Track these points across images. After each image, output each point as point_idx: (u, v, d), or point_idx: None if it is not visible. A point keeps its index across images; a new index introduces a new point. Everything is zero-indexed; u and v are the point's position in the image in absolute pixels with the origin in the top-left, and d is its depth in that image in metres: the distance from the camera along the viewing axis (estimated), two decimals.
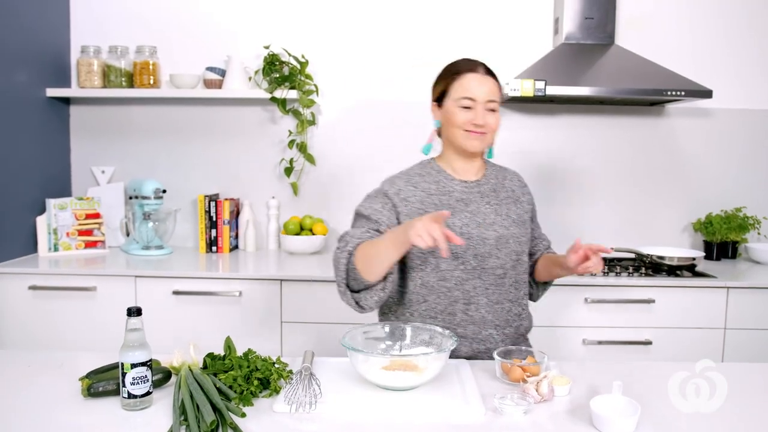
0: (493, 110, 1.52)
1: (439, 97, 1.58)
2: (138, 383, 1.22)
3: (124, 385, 1.22)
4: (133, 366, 1.21)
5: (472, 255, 1.51)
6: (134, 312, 1.24)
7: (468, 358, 1.53)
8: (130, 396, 1.22)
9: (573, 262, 1.47)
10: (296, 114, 2.94)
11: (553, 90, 2.51)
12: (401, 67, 2.98)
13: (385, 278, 1.45)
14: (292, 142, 2.96)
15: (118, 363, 1.25)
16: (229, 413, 1.17)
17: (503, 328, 1.57)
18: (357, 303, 1.48)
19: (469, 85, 1.51)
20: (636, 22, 2.95)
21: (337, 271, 1.46)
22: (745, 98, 2.99)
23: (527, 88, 2.48)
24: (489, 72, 1.56)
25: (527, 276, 1.68)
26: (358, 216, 1.57)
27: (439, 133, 1.64)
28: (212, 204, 2.90)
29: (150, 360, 1.24)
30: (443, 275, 1.52)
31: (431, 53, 2.92)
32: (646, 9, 2.95)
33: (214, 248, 2.92)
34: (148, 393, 1.24)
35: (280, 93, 2.83)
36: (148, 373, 1.23)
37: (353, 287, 1.47)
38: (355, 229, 1.53)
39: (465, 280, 1.52)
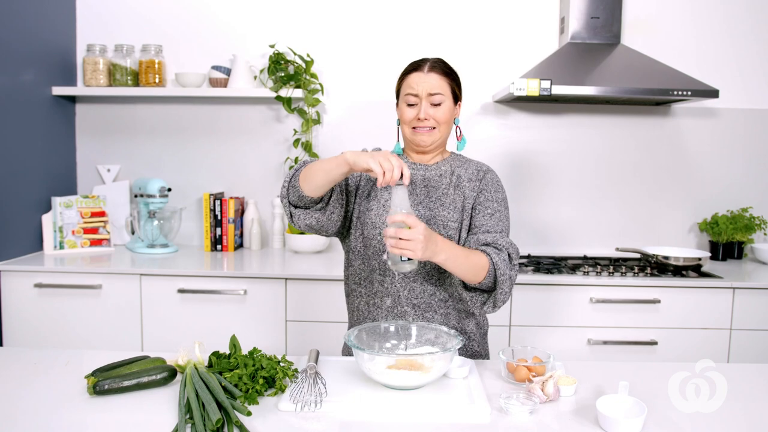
0: (438, 104, 1.54)
1: (397, 99, 1.65)
2: None
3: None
4: None
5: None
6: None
7: None
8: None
9: None
10: (301, 113, 2.94)
11: (558, 89, 2.50)
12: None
13: (324, 210, 1.51)
14: (297, 141, 2.96)
15: (122, 360, 1.25)
16: (235, 412, 1.18)
17: (424, 311, 1.54)
18: (291, 216, 1.53)
19: (412, 82, 1.56)
20: (642, 22, 2.94)
21: (285, 180, 1.52)
22: (751, 98, 2.98)
23: (533, 88, 2.48)
24: (436, 68, 1.56)
25: None
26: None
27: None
28: (217, 202, 2.90)
29: None
30: (366, 242, 1.56)
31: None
32: (652, 9, 2.94)
33: (219, 247, 2.92)
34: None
35: (285, 92, 2.83)
36: None
37: (294, 202, 1.51)
38: None
39: (383, 252, 1.52)
